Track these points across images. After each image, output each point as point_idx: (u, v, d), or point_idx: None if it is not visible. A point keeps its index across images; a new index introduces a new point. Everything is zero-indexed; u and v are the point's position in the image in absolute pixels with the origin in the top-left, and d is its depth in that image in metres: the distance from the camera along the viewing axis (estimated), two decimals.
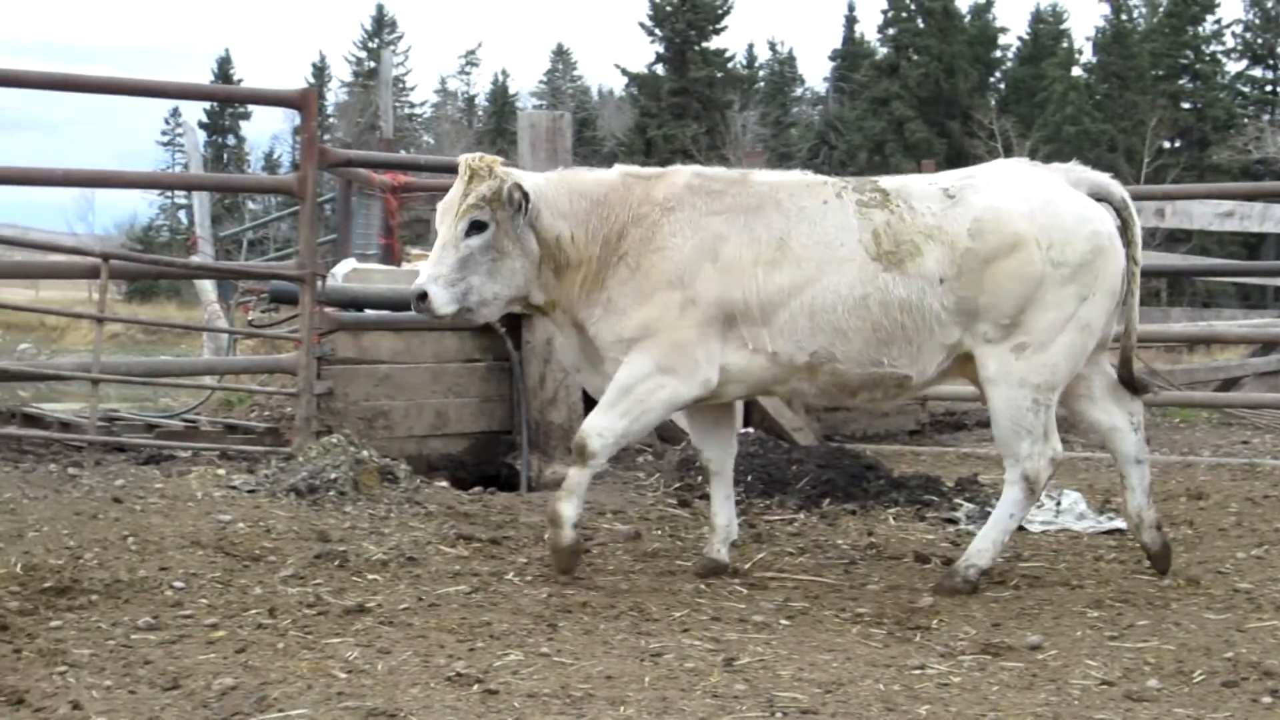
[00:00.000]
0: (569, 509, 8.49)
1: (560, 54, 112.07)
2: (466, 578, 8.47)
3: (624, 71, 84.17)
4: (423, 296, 8.24)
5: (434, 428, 13.18)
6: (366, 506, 10.30)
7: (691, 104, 76.92)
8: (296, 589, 8.09)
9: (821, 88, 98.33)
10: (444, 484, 11.79)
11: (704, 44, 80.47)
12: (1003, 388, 8.42)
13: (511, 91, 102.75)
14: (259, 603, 7.75)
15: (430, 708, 6.02)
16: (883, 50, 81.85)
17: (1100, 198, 8.78)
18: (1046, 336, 8.37)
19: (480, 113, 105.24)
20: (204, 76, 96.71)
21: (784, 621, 7.72)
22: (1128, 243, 8.70)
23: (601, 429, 8.40)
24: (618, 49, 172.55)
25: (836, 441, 14.20)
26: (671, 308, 8.31)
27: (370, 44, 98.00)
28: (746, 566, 9.01)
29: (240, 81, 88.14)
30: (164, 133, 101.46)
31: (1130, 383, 8.98)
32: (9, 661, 6.63)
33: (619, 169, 8.90)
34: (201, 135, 79.83)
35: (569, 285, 8.52)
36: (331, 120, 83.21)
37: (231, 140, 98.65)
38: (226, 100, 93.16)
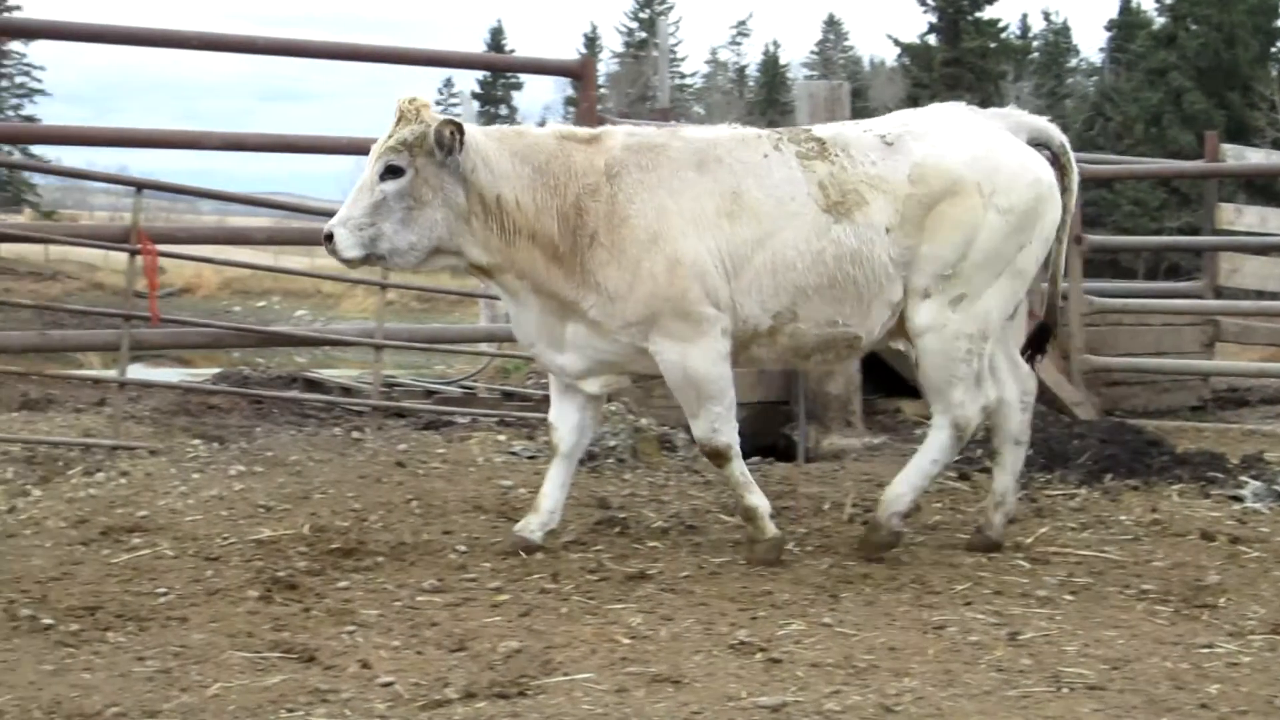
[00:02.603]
0: (758, 499, 8.30)
1: (831, 24, 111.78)
2: (747, 546, 8.42)
3: (896, 42, 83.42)
4: (329, 238, 7.87)
5: None
6: (645, 474, 10.36)
7: (964, 75, 75.88)
8: (578, 555, 8.17)
9: (1097, 58, 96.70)
10: None
11: (977, 14, 79.29)
12: (936, 338, 8.24)
13: (782, 62, 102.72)
14: (542, 568, 7.84)
15: (714, 675, 6.03)
16: (1160, 20, 79.99)
17: (1039, 143, 8.63)
18: (983, 285, 8.22)
19: (751, 83, 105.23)
20: (476, 47, 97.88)
21: (1068, 597, 7.58)
22: (1064, 189, 8.55)
23: (713, 426, 8.15)
24: (889, 19, 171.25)
25: (1118, 416, 13.94)
26: (659, 274, 7.96)
27: (641, 15, 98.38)
28: (1029, 541, 8.85)
29: (512, 52, 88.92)
30: (437, 102, 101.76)
31: (1045, 333, 8.88)
32: (299, 620, 6.78)
33: (553, 130, 8.56)
34: (475, 105, 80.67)
35: (524, 254, 8.08)
36: (603, 90, 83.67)
37: (504, 110, 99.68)
38: (508, 69, 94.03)
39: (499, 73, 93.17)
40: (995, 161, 8.26)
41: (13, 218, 68.77)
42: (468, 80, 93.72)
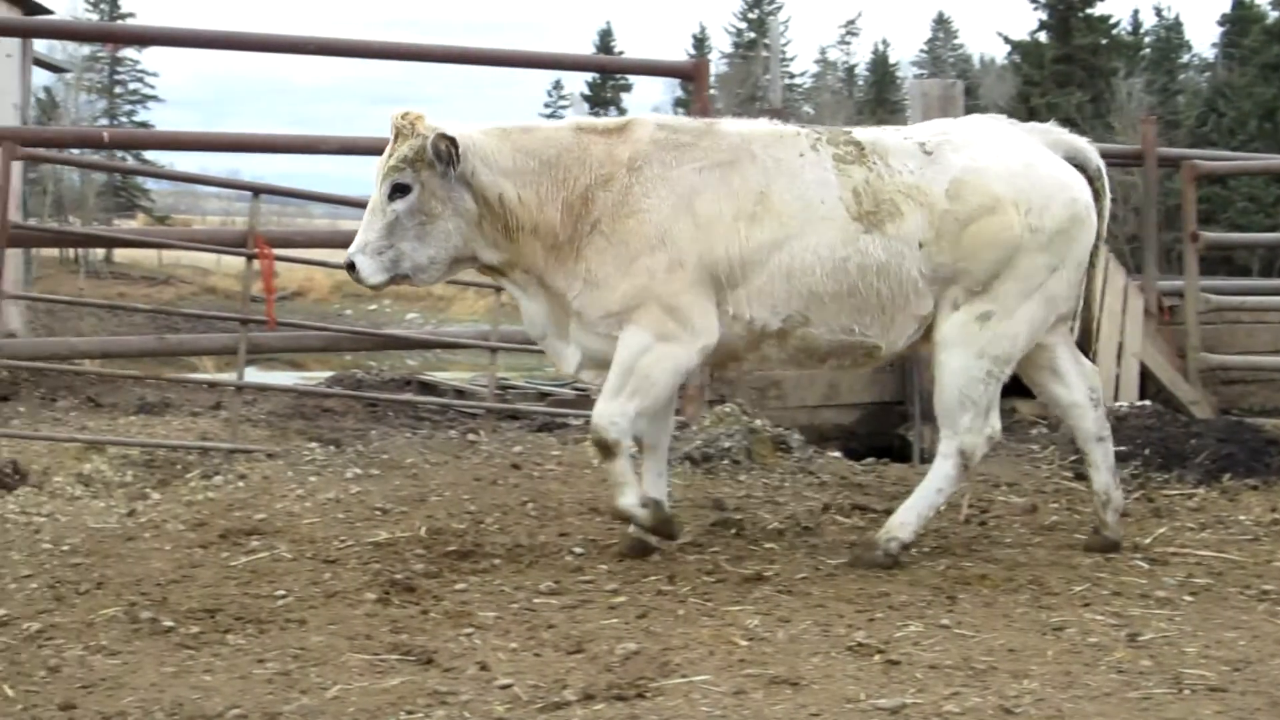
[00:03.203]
0: (630, 498, 8.14)
1: (941, 22, 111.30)
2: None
3: (1006, 39, 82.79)
4: (351, 267, 7.87)
5: (825, 398, 13.13)
6: (760, 475, 10.33)
7: (1075, 72, 75.19)
8: (694, 556, 8.17)
9: (1210, 54, 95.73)
10: (836, 454, 11.72)
11: (1088, 10, 78.49)
12: (959, 353, 8.12)
13: (892, 61, 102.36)
14: (658, 569, 7.84)
15: (832, 677, 6.01)
16: (1274, 14, 79.11)
17: (1076, 163, 8.47)
18: (1013, 306, 8.10)
19: (860, 83, 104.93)
20: (584, 49, 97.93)
21: (1187, 598, 7.50)
22: (1097, 212, 8.43)
23: (614, 416, 7.96)
24: (999, 17, 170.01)
25: (1235, 415, 13.79)
26: (658, 272, 7.86)
27: (750, 15, 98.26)
28: (1147, 541, 8.77)
29: (621, 53, 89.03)
30: (545, 105, 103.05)
31: (1083, 353, 8.79)
32: (417, 622, 6.81)
33: (571, 122, 8.47)
34: (585, 107, 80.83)
35: (527, 248, 8.05)
36: (712, 91, 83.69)
37: (613, 112, 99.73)
38: (621, 71, 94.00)
39: (609, 74, 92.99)
40: (1033, 179, 8.18)
41: (127, 223, 69.76)
42: (577, 82, 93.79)
